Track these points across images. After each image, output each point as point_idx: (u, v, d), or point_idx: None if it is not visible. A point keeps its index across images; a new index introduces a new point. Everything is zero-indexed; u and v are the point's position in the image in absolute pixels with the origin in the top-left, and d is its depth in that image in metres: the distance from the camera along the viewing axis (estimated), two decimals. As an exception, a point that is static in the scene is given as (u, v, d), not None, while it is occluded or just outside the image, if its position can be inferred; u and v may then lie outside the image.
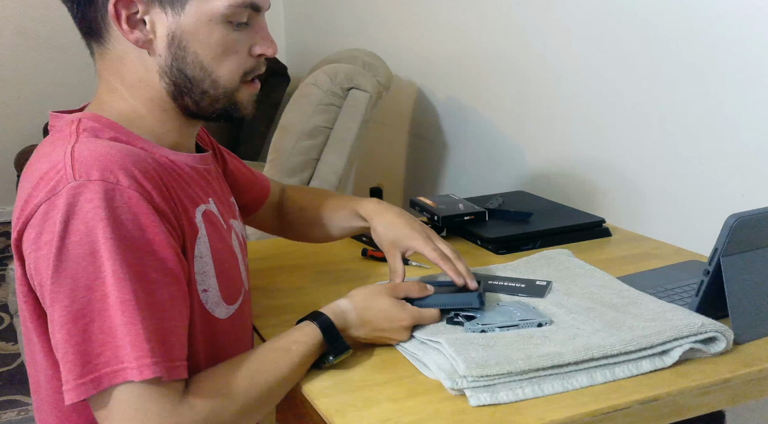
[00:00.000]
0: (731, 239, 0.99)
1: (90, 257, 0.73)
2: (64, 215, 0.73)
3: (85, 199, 0.74)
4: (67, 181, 0.75)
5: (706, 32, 1.54)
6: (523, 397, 0.85)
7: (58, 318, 0.74)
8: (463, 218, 1.44)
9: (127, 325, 0.73)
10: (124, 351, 0.73)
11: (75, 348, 0.73)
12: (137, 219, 0.76)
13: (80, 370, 0.73)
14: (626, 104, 1.77)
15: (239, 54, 0.86)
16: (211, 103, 0.88)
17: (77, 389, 0.73)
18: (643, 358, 0.92)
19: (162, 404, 0.74)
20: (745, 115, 1.48)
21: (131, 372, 0.73)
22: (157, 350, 0.74)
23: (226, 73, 0.86)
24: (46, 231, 0.74)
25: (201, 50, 0.84)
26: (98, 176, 0.75)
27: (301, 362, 0.88)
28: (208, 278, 0.86)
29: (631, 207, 1.78)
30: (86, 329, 0.73)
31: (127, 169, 0.77)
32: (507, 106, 2.22)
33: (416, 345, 0.95)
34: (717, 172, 1.55)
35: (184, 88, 0.86)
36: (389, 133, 2.93)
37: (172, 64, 0.85)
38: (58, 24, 3.80)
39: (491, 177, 2.33)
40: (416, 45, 2.67)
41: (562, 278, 1.17)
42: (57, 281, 0.74)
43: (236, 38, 0.86)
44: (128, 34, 0.83)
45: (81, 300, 0.73)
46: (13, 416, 2.10)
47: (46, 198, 0.75)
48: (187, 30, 0.83)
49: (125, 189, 0.75)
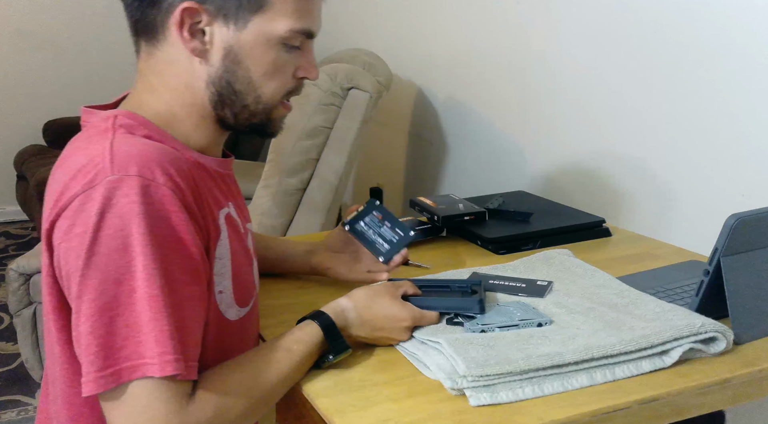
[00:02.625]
0: (731, 239, 0.99)
1: (122, 251, 0.74)
2: (100, 208, 0.74)
3: (121, 193, 0.75)
4: (105, 174, 0.75)
5: (707, 33, 1.54)
6: (523, 397, 0.85)
7: (84, 310, 0.74)
8: (463, 218, 1.44)
9: (153, 321, 0.74)
10: (146, 347, 0.74)
11: (98, 341, 0.74)
12: (169, 217, 0.77)
13: (102, 362, 0.73)
14: (626, 104, 1.77)
15: (285, 75, 0.89)
16: (248, 117, 0.90)
17: (97, 381, 0.73)
18: (643, 358, 0.92)
19: (170, 403, 0.74)
20: (745, 115, 1.48)
21: (151, 368, 0.73)
22: (178, 347, 0.75)
23: (270, 92, 0.89)
24: (79, 222, 0.75)
25: (253, 67, 0.87)
26: (136, 172, 0.76)
27: (302, 362, 0.88)
28: (224, 280, 0.87)
29: (631, 207, 1.78)
30: (111, 323, 0.74)
31: (164, 167, 0.78)
32: (507, 106, 2.22)
33: (416, 345, 0.95)
34: (717, 172, 1.55)
35: (227, 100, 0.88)
36: (389, 133, 2.93)
37: (222, 75, 0.87)
38: (58, 24, 3.81)
39: (491, 177, 2.33)
40: (416, 45, 2.67)
41: (562, 278, 1.17)
42: (87, 272, 0.74)
43: (286, 60, 0.88)
44: (187, 41, 0.85)
45: (109, 293, 0.74)
46: (13, 416, 2.10)
47: (82, 190, 0.76)
48: (245, 46, 0.86)
49: (160, 186, 0.77)
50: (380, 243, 1.12)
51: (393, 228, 1.12)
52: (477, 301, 1.01)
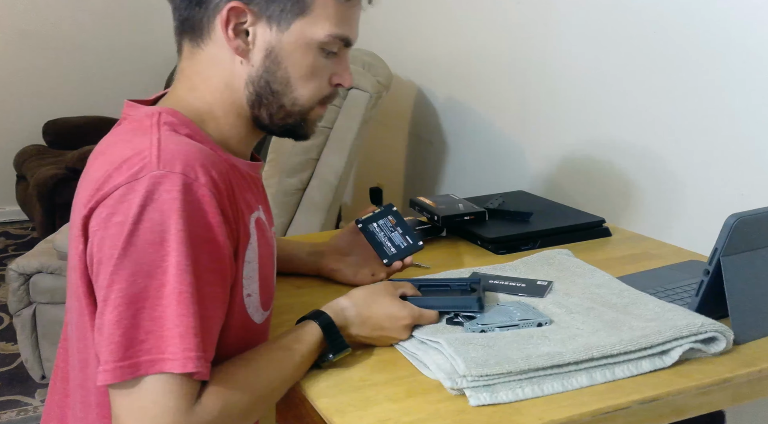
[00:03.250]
0: (731, 239, 0.99)
1: (157, 245, 0.75)
2: (142, 201, 0.75)
3: (164, 188, 0.76)
4: (151, 169, 0.77)
5: (707, 33, 1.54)
6: (522, 397, 0.85)
7: (113, 299, 0.75)
8: (463, 218, 1.44)
9: (180, 317, 0.75)
10: (168, 342, 0.74)
11: (122, 331, 0.74)
12: (206, 217, 0.78)
13: (122, 353, 0.74)
14: (626, 104, 1.77)
15: (322, 80, 0.92)
16: (283, 118, 0.92)
17: (115, 371, 0.74)
18: (643, 358, 0.92)
19: (180, 401, 0.75)
20: (745, 115, 1.48)
21: (170, 364, 0.74)
22: (201, 345, 0.76)
23: (306, 94, 0.91)
24: (119, 212, 0.76)
25: (292, 68, 0.89)
26: (180, 170, 0.77)
27: (302, 361, 0.89)
28: (252, 283, 0.89)
29: (631, 207, 1.78)
30: (137, 315, 0.75)
31: (206, 168, 0.79)
32: (507, 106, 2.22)
33: (416, 345, 0.95)
34: (717, 172, 1.55)
35: (265, 100, 0.90)
36: (389, 133, 2.93)
37: (262, 75, 0.89)
38: (58, 24, 3.81)
39: (491, 177, 2.33)
40: (416, 45, 2.67)
41: (562, 278, 1.17)
42: (121, 262, 0.75)
43: (323, 65, 0.91)
44: (231, 40, 0.87)
45: (139, 285, 0.75)
46: (13, 416, 2.10)
47: (126, 181, 0.77)
48: (286, 48, 0.88)
49: (201, 186, 0.78)
50: (388, 246, 1.14)
51: (404, 235, 1.15)
52: (476, 299, 1.01)
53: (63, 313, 2.39)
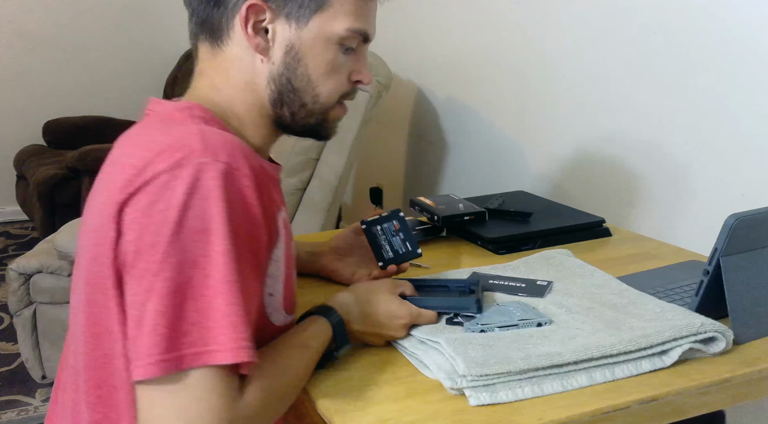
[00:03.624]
0: (731, 239, 0.99)
1: (203, 234, 0.73)
2: (188, 188, 0.73)
3: (209, 176, 0.74)
4: (196, 156, 0.75)
5: (707, 33, 1.54)
6: (522, 397, 0.85)
7: (158, 288, 0.72)
8: (463, 218, 1.44)
9: (230, 306, 0.72)
10: (213, 333, 0.72)
11: (167, 322, 0.71)
12: (249, 208, 0.77)
13: (167, 345, 0.71)
14: (626, 104, 1.77)
15: (341, 76, 0.92)
16: (305, 117, 0.93)
17: (158, 365, 0.70)
18: (642, 358, 0.92)
19: (223, 397, 0.72)
20: (745, 115, 1.48)
21: (218, 355, 0.71)
22: (249, 336, 0.73)
23: (326, 91, 0.92)
24: (162, 199, 0.74)
25: (312, 65, 0.89)
26: (225, 159, 0.76)
27: (317, 358, 0.89)
28: (276, 283, 0.87)
29: (631, 207, 1.78)
30: (181, 306, 0.72)
31: (249, 159, 0.79)
32: (507, 106, 2.22)
33: (415, 345, 0.95)
34: (717, 172, 1.55)
35: (286, 98, 0.90)
36: (389, 133, 2.93)
37: (282, 73, 0.89)
38: (58, 24, 3.81)
39: (491, 177, 2.33)
40: (416, 45, 2.67)
41: (562, 278, 1.17)
42: (168, 251, 0.72)
43: (342, 61, 0.91)
44: (251, 38, 0.87)
45: (185, 275, 0.72)
46: (13, 416, 2.10)
47: (169, 168, 0.74)
48: (305, 44, 0.88)
49: (244, 177, 0.77)
50: (386, 250, 1.14)
51: (404, 241, 1.15)
52: (474, 301, 1.01)
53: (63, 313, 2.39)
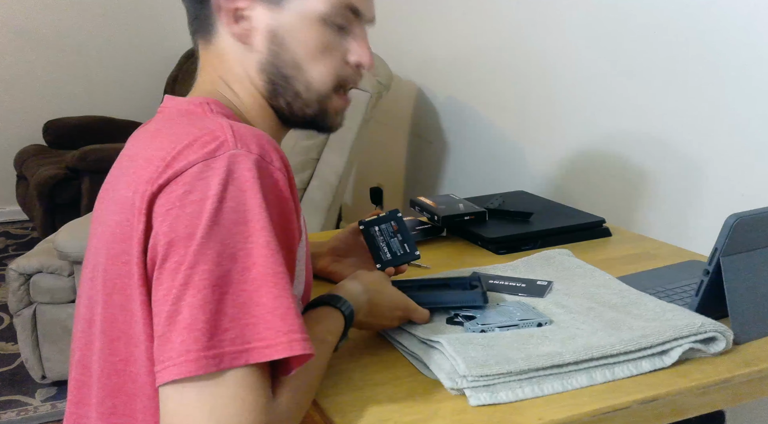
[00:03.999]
0: (731, 239, 0.99)
1: (242, 226, 0.71)
2: (224, 178, 0.71)
3: (244, 167, 0.72)
4: (229, 147, 0.73)
5: (707, 33, 1.54)
6: (522, 397, 0.85)
7: (197, 281, 0.68)
8: (464, 218, 1.44)
9: (278, 298, 0.70)
10: (254, 330, 0.69)
11: (207, 316, 0.68)
12: (282, 202, 0.75)
13: (206, 341, 0.67)
14: (627, 104, 1.77)
15: (334, 58, 0.87)
16: (302, 107, 0.88)
17: (198, 361, 0.66)
18: (642, 358, 0.92)
19: (259, 398, 0.69)
20: (745, 115, 1.48)
21: (266, 351, 0.68)
22: (303, 326, 0.70)
23: (318, 75, 0.87)
24: (197, 190, 0.71)
25: (298, 48, 0.85)
26: (257, 151, 0.74)
27: (330, 353, 0.86)
28: (299, 284, 0.86)
29: (631, 207, 1.78)
30: (222, 300, 0.69)
31: (280, 154, 0.77)
32: (507, 106, 2.22)
33: (416, 345, 0.95)
34: (717, 172, 1.55)
35: (279, 88, 0.87)
36: (389, 133, 2.93)
37: (269, 60, 0.86)
38: (58, 24, 3.81)
39: (491, 177, 2.33)
40: (416, 45, 2.67)
41: (562, 278, 1.17)
42: (206, 243, 0.69)
43: (332, 41, 0.86)
44: (232, 27, 0.85)
45: (224, 268, 0.69)
46: (13, 416, 2.10)
47: (203, 158, 0.72)
48: (286, 27, 0.85)
49: (276, 171, 0.75)
50: (384, 251, 1.13)
51: (403, 242, 1.14)
52: (480, 293, 1.02)
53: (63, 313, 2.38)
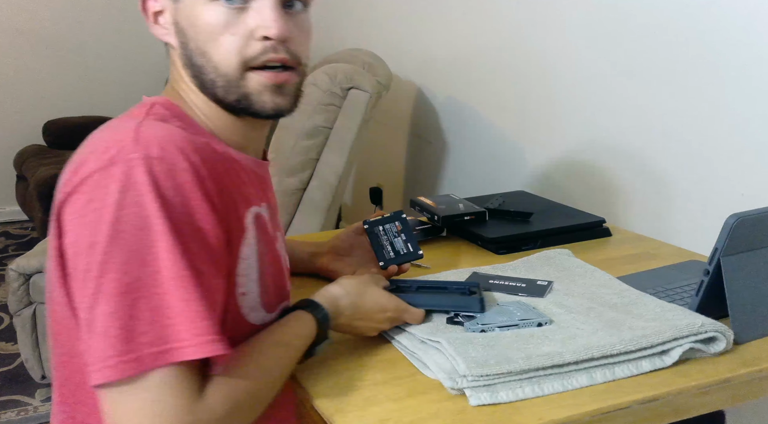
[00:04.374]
0: (731, 239, 0.99)
1: (144, 232, 0.71)
2: (121, 186, 0.71)
3: (141, 171, 0.72)
4: (127, 153, 0.73)
5: (706, 33, 1.54)
6: (522, 396, 0.85)
7: (106, 290, 0.70)
8: (464, 218, 1.44)
9: (185, 301, 0.70)
10: (172, 330, 0.70)
11: (120, 323, 0.69)
12: (189, 203, 0.74)
13: (122, 347, 0.69)
14: (626, 104, 1.77)
15: (236, 36, 0.81)
16: (224, 95, 0.85)
17: (116, 367, 0.68)
18: (643, 358, 0.92)
19: (181, 398, 0.70)
20: (745, 115, 1.48)
21: (179, 352, 0.69)
22: (214, 329, 0.71)
23: (220, 58, 0.82)
24: (96, 199, 0.72)
25: (197, 35, 0.83)
26: (157, 154, 0.73)
27: (296, 357, 0.87)
28: (249, 282, 0.85)
29: (631, 207, 1.78)
30: (134, 305, 0.70)
31: (186, 153, 0.76)
32: (507, 106, 2.22)
33: (416, 344, 0.95)
34: (717, 172, 1.55)
35: (200, 80, 0.85)
36: (389, 133, 2.93)
37: (183, 53, 0.85)
38: (58, 24, 3.81)
39: (491, 177, 2.33)
40: (416, 45, 2.67)
41: (562, 278, 1.18)
42: (110, 251, 0.70)
43: (228, 19, 0.81)
44: (153, 28, 0.86)
45: (133, 274, 0.70)
46: (13, 416, 2.10)
47: (102, 166, 0.73)
48: (184, 15, 0.83)
49: (181, 171, 0.74)
50: (388, 250, 1.14)
51: (406, 242, 1.15)
52: (478, 300, 1.02)
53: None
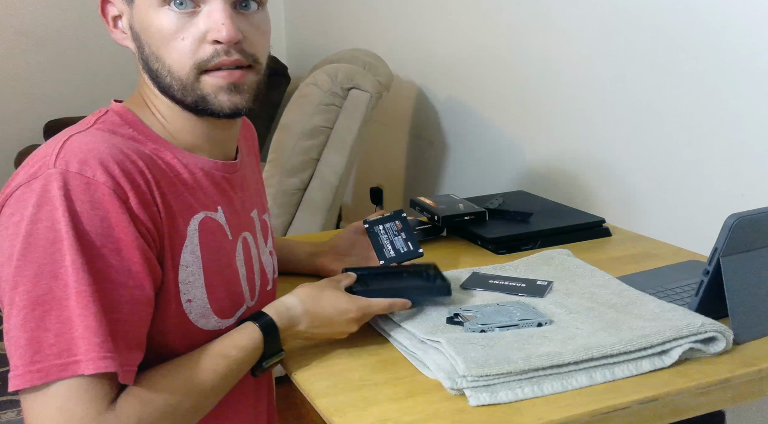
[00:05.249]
0: (731, 239, 0.99)
1: (55, 246, 0.73)
2: (37, 200, 0.74)
3: (56, 186, 0.74)
4: (47, 167, 0.75)
5: (706, 33, 1.54)
6: (522, 397, 0.85)
7: (18, 302, 0.72)
8: (464, 218, 1.44)
9: (81, 317, 0.72)
10: (78, 344, 0.72)
11: (29, 334, 0.72)
12: (106, 217, 0.75)
13: (30, 357, 0.71)
14: (626, 104, 1.77)
15: (187, 41, 0.82)
16: (182, 98, 0.85)
17: (24, 376, 0.71)
18: (642, 358, 0.92)
19: (87, 407, 0.72)
20: (744, 115, 1.48)
21: (83, 365, 0.71)
22: (108, 346, 0.73)
23: (175, 62, 0.83)
24: (17, 212, 0.75)
25: (150, 40, 0.84)
26: (76, 168, 0.75)
27: (238, 369, 0.86)
28: (193, 288, 0.85)
29: (631, 207, 1.78)
30: (44, 317, 0.72)
31: (108, 167, 0.76)
32: (507, 106, 2.22)
33: (416, 344, 0.95)
34: (717, 172, 1.55)
35: (158, 82, 0.86)
36: (389, 133, 2.93)
37: (140, 57, 0.87)
38: (58, 24, 3.81)
39: (491, 177, 2.33)
40: (416, 45, 2.67)
41: (561, 278, 1.17)
42: (23, 264, 0.73)
43: (179, 24, 0.82)
44: (113, 33, 0.87)
45: (43, 286, 0.72)
46: (13, 416, 2.10)
47: (25, 181, 0.76)
48: (138, 20, 0.85)
49: (100, 185, 0.75)
50: (388, 249, 1.15)
51: (406, 241, 1.15)
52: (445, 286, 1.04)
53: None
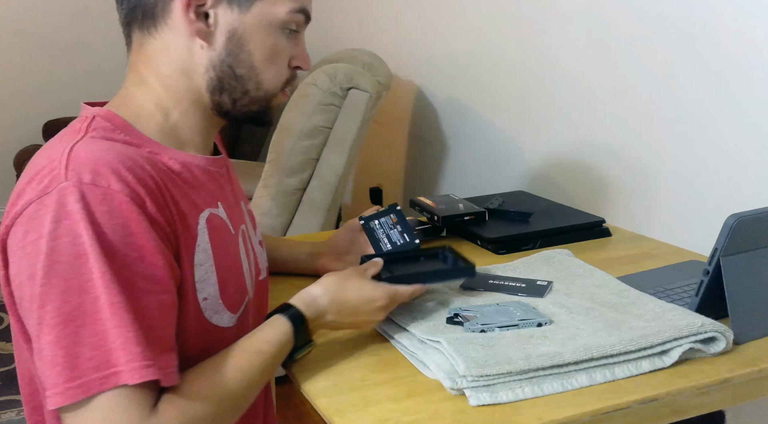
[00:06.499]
0: (731, 239, 0.99)
1: (80, 260, 0.72)
2: (54, 216, 0.72)
3: (74, 200, 0.73)
4: (59, 181, 0.74)
5: (706, 33, 1.54)
6: (522, 397, 0.85)
7: (48, 320, 0.72)
8: (463, 218, 1.44)
9: (118, 328, 0.72)
10: (117, 355, 0.72)
11: (65, 351, 0.71)
12: (127, 225, 0.75)
13: (69, 373, 0.71)
14: (626, 104, 1.77)
15: (283, 62, 0.90)
16: (248, 104, 0.90)
17: (65, 393, 0.71)
18: (642, 358, 0.92)
19: (130, 415, 0.72)
20: (744, 115, 1.48)
21: (122, 376, 0.71)
22: (148, 354, 0.73)
23: (271, 78, 0.89)
24: (33, 230, 0.73)
25: (255, 51, 0.87)
26: (89, 180, 0.74)
27: (273, 363, 0.86)
28: (208, 287, 0.85)
29: (631, 207, 1.78)
30: (77, 332, 0.72)
31: (120, 174, 0.76)
32: (507, 106, 2.22)
33: (416, 344, 0.95)
34: (717, 172, 1.55)
35: (227, 85, 0.88)
36: (389, 133, 2.93)
37: (224, 59, 0.87)
38: (58, 24, 3.80)
39: (491, 177, 2.33)
40: (416, 45, 2.67)
41: (562, 278, 1.17)
42: (48, 282, 0.72)
43: (284, 47, 0.89)
44: (193, 23, 0.85)
45: (72, 302, 0.72)
46: (13, 416, 2.10)
47: (37, 197, 0.74)
48: (248, 30, 0.86)
49: (116, 194, 0.74)
50: (384, 242, 1.15)
51: (402, 233, 1.16)
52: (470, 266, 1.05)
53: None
